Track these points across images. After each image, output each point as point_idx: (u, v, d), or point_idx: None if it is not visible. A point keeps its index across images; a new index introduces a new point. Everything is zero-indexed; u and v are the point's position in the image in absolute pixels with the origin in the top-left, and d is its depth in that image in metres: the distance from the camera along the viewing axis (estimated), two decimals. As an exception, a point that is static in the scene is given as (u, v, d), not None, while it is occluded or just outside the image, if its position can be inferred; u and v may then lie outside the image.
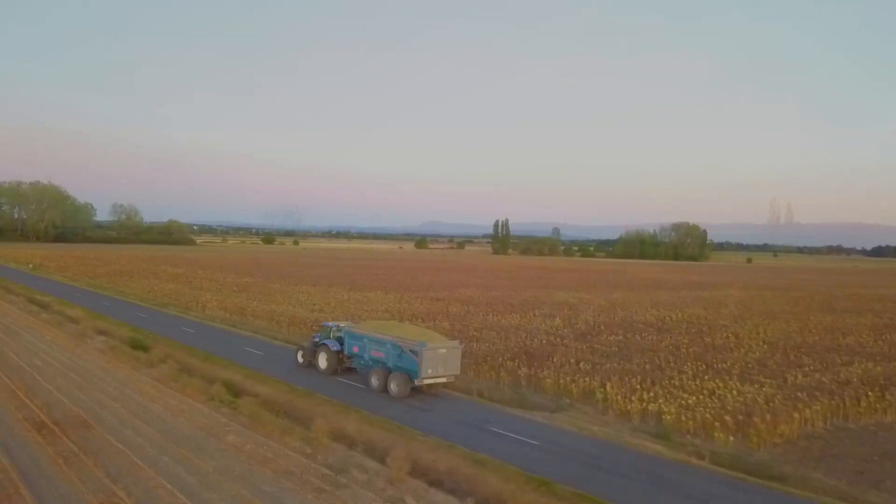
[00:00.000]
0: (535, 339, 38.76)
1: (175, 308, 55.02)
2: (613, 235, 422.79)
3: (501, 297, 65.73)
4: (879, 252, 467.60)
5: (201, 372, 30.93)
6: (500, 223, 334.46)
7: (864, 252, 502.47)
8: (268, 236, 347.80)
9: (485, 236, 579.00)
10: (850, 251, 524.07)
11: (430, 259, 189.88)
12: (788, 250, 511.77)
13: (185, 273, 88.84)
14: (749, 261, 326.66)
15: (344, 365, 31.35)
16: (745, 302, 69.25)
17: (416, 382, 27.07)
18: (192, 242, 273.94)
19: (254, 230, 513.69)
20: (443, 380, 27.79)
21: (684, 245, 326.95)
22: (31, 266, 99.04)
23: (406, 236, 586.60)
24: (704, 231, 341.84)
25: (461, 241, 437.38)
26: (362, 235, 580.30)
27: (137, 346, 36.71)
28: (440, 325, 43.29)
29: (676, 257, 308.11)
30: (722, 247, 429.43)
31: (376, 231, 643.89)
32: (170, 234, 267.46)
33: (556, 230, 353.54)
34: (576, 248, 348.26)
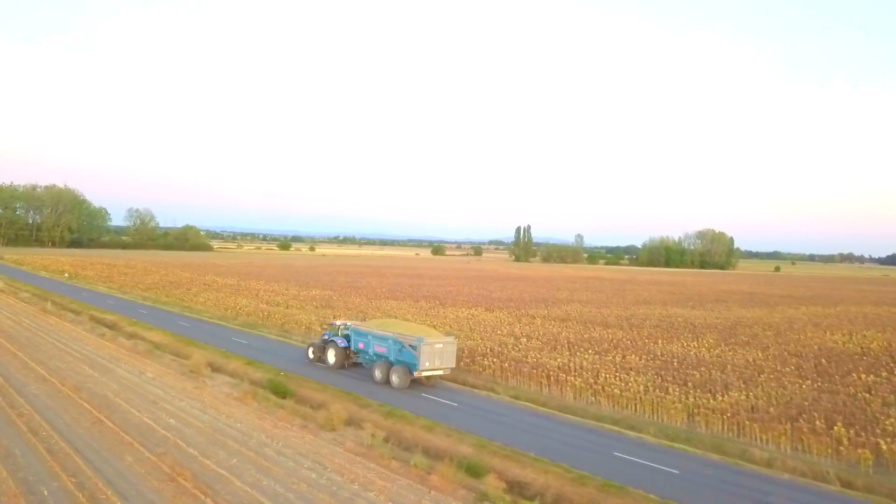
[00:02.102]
0: (788, 385, 29.81)
1: (269, 330, 46.30)
2: (620, 242, 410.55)
3: (628, 316, 56.88)
4: (893, 260, 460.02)
5: (409, 439, 22.17)
6: (521, 229, 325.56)
7: (877, 260, 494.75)
8: (283, 242, 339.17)
9: (491, 242, 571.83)
10: (861, 259, 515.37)
11: (466, 267, 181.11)
12: (800, 257, 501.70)
13: (241, 285, 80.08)
14: (777, 269, 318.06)
15: (351, 360, 33.81)
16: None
17: (416, 374, 29.40)
18: (209, 248, 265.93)
19: (261, 236, 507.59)
20: (439, 372, 30.12)
21: (710, 253, 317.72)
22: (66, 275, 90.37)
23: (410, 242, 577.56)
24: (731, 238, 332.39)
25: (477, 248, 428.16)
26: (369, 241, 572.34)
27: (280, 391, 28.00)
28: (628, 361, 34.44)
29: (703, 265, 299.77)
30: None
31: (378, 237, 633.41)
32: (186, 240, 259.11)
33: (578, 237, 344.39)
34: (599, 256, 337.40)
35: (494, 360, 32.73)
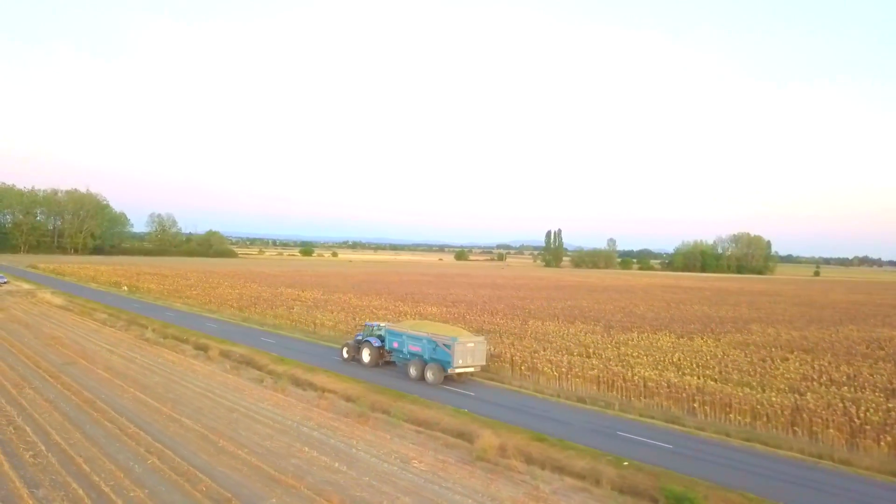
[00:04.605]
0: None
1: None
2: (631, 246, 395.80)
3: (866, 341, 45.72)
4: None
5: None
6: (552, 233, 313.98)
7: (893, 263, 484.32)
8: (306, 248, 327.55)
9: (499, 246, 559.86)
10: (879, 262, 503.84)
11: (515, 274, 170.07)
12: (813, 261, 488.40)
13: (335, 300, 68.92)
14: (816, 273, 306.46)
15: (384, 359, 35.44)
16: None
17: (449, 371, 30.97)
18: (233, 255, 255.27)
19: (270, 241, 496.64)
20: (471, 369, 31.78)
21: (747, 257, 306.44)
22: (125, 288, 79.28)
23: (419, 247, 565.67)
24: (768, 242, 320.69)
25: (500, 254, 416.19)
26: (380, 246, 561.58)
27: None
28: None
29: (740, 270, 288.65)
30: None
31: (381, 241, 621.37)
32: (210, 246, 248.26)
33: (611, 241, 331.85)
34: (628, 261, 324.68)
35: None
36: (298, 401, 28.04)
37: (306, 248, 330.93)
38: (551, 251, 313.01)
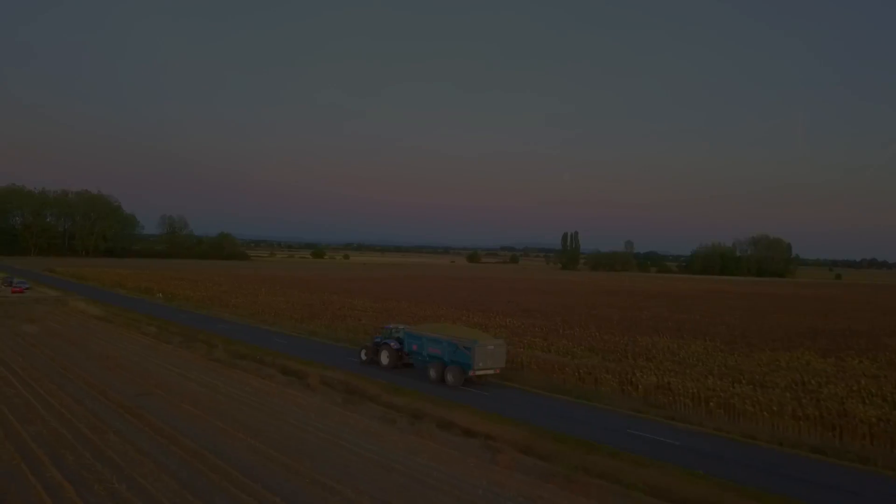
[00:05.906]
0: None
1: (618, 405, 28.78)
2: (634, 247, 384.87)
3: None
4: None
5: None
6: (569, 236, 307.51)
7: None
8: (317, 251, 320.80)
9: (503, 248, 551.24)
10: (887, 264, 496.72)
11: (544, 279, 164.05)
12: (822, 262, 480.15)
13: (388, 308, 62.75)
14: (838, 277, 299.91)
15: (403, 361, 35.47)
16: None
17: (470, 374, 31.22)
18: (246, 257, 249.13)
19: (276, 243, 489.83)
20: (491, 371, 31.76)
21: (767, 260, 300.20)
22: (160, 296, 73.03)
23: (420, 248, 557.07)
24: (789, 244, 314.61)
25: (514, 255, 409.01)
26: (384, 248, 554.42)
27: None
28: None
29: (760, 273, 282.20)
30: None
31: (385, 243, 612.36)
32: (222, 248, 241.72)
33: (629, 243, 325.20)
34: (650, 263, 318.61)
35: None
36: (462, 454, 21.73)
37: (317, 250, 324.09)
38: (567, 253, 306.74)
